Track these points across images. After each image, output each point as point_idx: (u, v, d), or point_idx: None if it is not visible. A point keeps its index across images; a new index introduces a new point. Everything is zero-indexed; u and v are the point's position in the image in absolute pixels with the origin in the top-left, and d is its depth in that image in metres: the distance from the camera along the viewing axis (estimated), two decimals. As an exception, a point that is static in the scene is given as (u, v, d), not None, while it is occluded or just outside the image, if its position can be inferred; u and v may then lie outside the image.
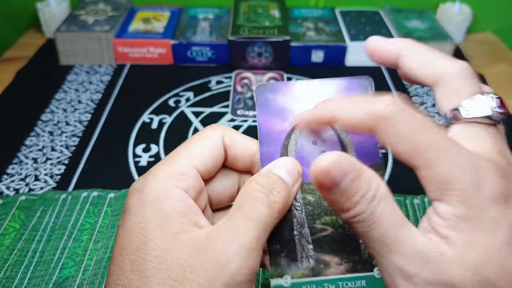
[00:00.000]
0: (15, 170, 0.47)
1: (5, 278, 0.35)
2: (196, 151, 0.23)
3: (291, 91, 0.25)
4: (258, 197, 0.21)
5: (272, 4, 0.73)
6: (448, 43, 0.65)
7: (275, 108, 0.25)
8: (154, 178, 0.21)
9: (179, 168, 0.22)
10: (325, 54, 0.65)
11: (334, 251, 0.24)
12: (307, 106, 0.24)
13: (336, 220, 0.24)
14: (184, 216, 0.21)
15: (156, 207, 0.21)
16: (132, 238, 0.20)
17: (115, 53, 0.66)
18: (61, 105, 0.57)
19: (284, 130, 0.24)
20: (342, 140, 0.25)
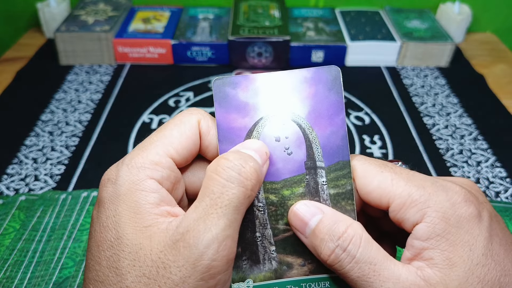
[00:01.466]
0: (15, 170, 0.47)
1: (5, 278, 0.35)
2: (171, 139, 0.22)
3: (252, 85, 0.23)
4: (228, 176, 0.20)
5: (272, 4, 0.73)
6: (448, 43, 0.65)
7: (235, 103, 0.23)
8: (127, 168, 0.21)
9: (153, 157, 0.21)
10: (325, 54, 0.65)
11: (297, 252, 0.23)
12: (269, 101, 0.23)
13: None
14: (156, 207, 0.20)
15: (128, 199, 0.20)
16: (107, 233, 0.20)
17: (115, 53, 0.66)
18: (61, 105, 0.57)
19: (244, 126, 0.23)
20: (307, 136, 0.23)
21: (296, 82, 0.23)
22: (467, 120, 0.56)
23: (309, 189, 0.23)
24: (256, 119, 0.23)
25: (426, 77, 0.65)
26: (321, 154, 0.23)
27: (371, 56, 0.66)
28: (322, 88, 0.23)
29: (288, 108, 0.23)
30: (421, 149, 0.51)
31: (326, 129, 0.23)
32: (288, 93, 0.23)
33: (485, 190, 0.45)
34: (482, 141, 0.52)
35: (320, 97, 0.23)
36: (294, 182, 0.23)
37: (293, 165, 0.23)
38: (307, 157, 0.23)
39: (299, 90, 0.23)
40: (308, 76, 0.23)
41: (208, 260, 0.18)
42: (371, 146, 0.51)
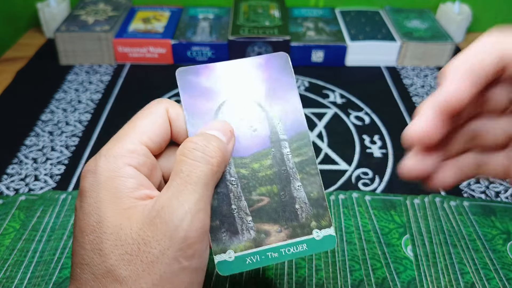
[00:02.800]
0: (15, 170, 0.47)
1: (5, 278, 0.35)
2: (143, 128, 0.23)
3: (213, 73, 0.25)
4: (194, 156, 0.22)
5: (272, 4, 0.73)
6: (448, 43, 0.65)
7: (199, 90, 0.25)
8: (105, 158, 0.22)
9: (128, 146, 0.23)
10: (325, 54, 0.65)
11: (273, 220, 0.24)
12: (230, 85, 0.25)
13: (271, 189, 0.25)
14: (135, 191, 0.22)
15: (108, 186, 0.21)
16: (89, 219, 0.21)
17: (115, 53, 0.66)
18: (61, 105, 0.57)
19: (210, 109, 0.25)
20: (268, 114, 0.26)
21: (252, 68, 0.26)
22: (467, 120, 0.56)
23: (275, 160, 0.25)
24: (220, 102, 0.25)
25: (426, 77, 0.65)
26: (282, 128, 0.25)
27: (371, 56, 0.66)
28: (274, 72, 0.26)
29: (248, 91, 0.26)
30: (421, 149, 0.51)
31: (283, 105, 0.26)
32: (246, 77, 0.26)
33: (485, 190, 0.45)
34: (482, 141, 0.52)
35: (274, 79, 0.26)
36: (261, 156, 0.25)
37: (259, 141, 0.25)
38: (271, 132, 0.25)
39: (256, 75, 0.26)
40: (262, 62, 0.26)
41: (184, 231, 0.20)
42: (371, 146, 0.51)
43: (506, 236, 0.39)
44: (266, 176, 0.25)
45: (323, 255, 0.37)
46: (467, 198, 0.44)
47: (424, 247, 0.38)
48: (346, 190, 0.44)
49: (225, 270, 0.24)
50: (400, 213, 0.41)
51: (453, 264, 0.37)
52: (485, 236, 0.39)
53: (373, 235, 0.39)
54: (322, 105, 0.58)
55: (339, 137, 0.53)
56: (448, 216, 0.41)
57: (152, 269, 0.20)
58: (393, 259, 0.37)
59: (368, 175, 0.47)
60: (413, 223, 0.40)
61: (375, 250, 0.38)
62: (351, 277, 0.36)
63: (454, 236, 0.39)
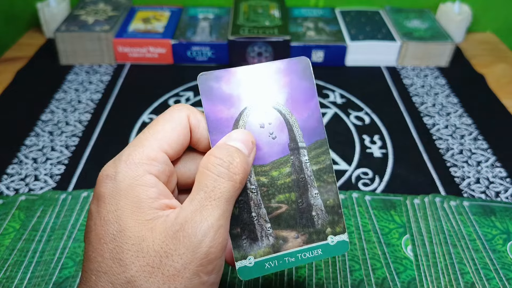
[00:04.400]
0: (15, 170, 0.47)
1: (5, 278, 0.35)
2: (164, 134, 0.23)
3: (234, 78, 0.25)
4: (219, 172, 0.22)
5: (272, 4, 0.73)
6: (448, 43, 0.65)
7: (220, 95, 0.25)
8: (126, 164, 0.22)
9: (149, 153, 0.22)
10: (325, 54, 0.65)
11: (290, 226, 0.25)
12: (250, 91, 0.25)
13: (290, 196, 0.25)
14: (156, 201, 0.21)
15: (129, 194, 0.21)
16: (109, 227, 0.21)
17: (115, 53, 0.66)
18: (61, 105, 0.57)
19: (231, 116, 0.25)
20: (288, 121, 0.25)
21: (272, 73, 0.25)
22: (467, 120, 0.56)
23: (294, 168, 0.25)
24: (240, 109, 0.25)
25: (426, 77, 0.65)
26: (302, 135, 0.26)
27: (371, 56, 0.66)
28: (295, 77, 0.26)
29: (268, 97, 0.25)
30: (421, 149, 0.51)
31: (303, 113, 0.26)
32: (266, 83, 0.25)
33: (485, 190, 0.45)
34: (482, 141, 0.52)
35: (295, 85, 0.26)
36: (280, 163, 0.25)
37: (278, 148, 0.25)
38: (290, 139, 0.25)
39: (276, 80, 0.25)
40: (282, 67, 0.26)
41: (206, 247, 0.20)
42: (371, 146, 0.51)
43: (506, 236, 0.39)
44: (284, 184, 0.25)
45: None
46: (467, 198, 0.44)
47: (424, 247, 0.38)
48: (346, 190, 0.44)
49: (246, 275, 0.24)
50: (400, 213, 0.41)
51: (453, 264, 0.37)
52: (485, 236, 0.39)
53: (373, 235, 0.39)
54: (322, 105, 0.58)
55: (339, 137, 0.53)
56: (448, 216, 0.41)
57: (173, 282, 0.20)
58: (393, 259, 0.37)
59: (368, 175, 0.47)
60: (413, 223, 0.40)
61: (375, 250, 0.38)
62: (351, 277, 0.36)
63: (454, 236, 0.39)
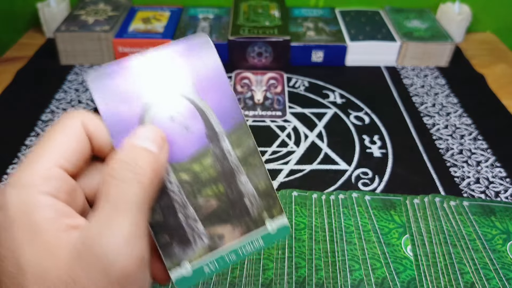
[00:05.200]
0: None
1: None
2: (57, 148, 0.20)
3: (128, 71, 0.22)
4: (123, 177, 0.19)
5: (272, 4, 0.73)
6: (448, 43, 0.65)
7: (117, 94, 0.22)
8: (15, 189, 0.19)
9: (40, 171, 0.19)
10: (325, 54, 0.65)
11: (224, 220, 0.23)
12: (151, 82, 0.22)
13: (217, 189, 0.23)
14: (55, 223, 0.19)
15: (24, 221, 0.18)
16: (6, 265, 0.18)
17: (115, 53, 0.66)
18: (61, 105, 0.57)
19: (134, 115, 0.22)
20: (199, 107, 0.23)
21: (172, 58, 0.23)
22: (467, 120, 0.56)
23: (216, 157, 0.23)
24: (144, 104, 0.22)
25: (426, 77, 0.65)
26: (217, 119, 0.23)
27: (371, 56, 0.66)
28: (198, 57, 0.23)
29: (172, 85, 0.23)
30: (421, 149, 0.51)
31: (214, 95, 0.23)
32: (167, 70, 0.23)
33: (485, 190, 0.45)
34: (482, 141, 0.52)
35: (198, 67, 0.23)
36: (200, 155, 0.23)
37: (195, 139, 0.23)
38: (206, 127, 0.23)
39: (176, 65, 0.23)
40: (179, 49, 0.23)
41: (120, 265, 0.18)
42: (371, 146, 0.51)
43: (506, 236, 0.39)
44: (209, 176, 0.23)
45: (323, 255, 0.37)
46: (467, 198, 0.44)
47: (424, 247, 0.38)
48: (346, 190, 0.44)
49: (182, 284, 0.22)
50: (400, 213, 0.41)
51: (452, 264, 0.37)
52: (485, 236, 0.39)
53: (373, 235, 0.39)
54: (322, 105, 0.58)
55: (339, 137, 0.53)
56: (448, 216, 0.41)
57: None
58: (393, 259, 0.37)
59: (368, 175, 0.47)
60: (412, 223, 0.40)
61: (375, 250, 0.38)
62: (351, 276, 0.36)
63: (454, 236, 0.39)
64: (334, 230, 0.39)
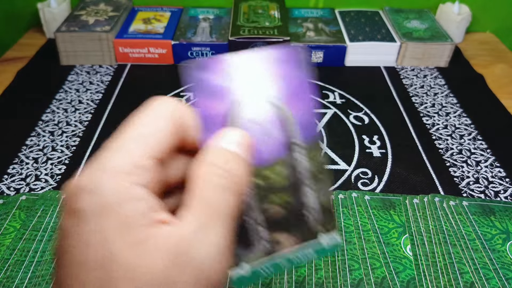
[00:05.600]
0: (16, 170, 0.47)
1: (5, 278, 0.35)
2: (150, 136, 0.19)
3: (223, 67, 0.23)
4: (221, 184, 0.19)
5: (272, 4, 0.74)
6: (447, 43, 0.66)
7: (209, 88, 0.22)
8: (107, 175, 0.18)
9: (135, 160, 0.19)
10: (324, 54, 0.66)
11: (283, 228, 0.24)
12: (242, 82, 0.23)
13: (283, 197, 0.24)
14: (146, 217, 0.18)
15: (116, 211, 0.18)
16: (93, 252, 0.17)
17: (116, 53, 0.66)
18: (62, 105, 0.58)
19: (223, 112, 0.22)
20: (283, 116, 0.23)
21: (265, 62, 0.23)
22: (466, 120, 0.56)
23: (288, 166, 0.24)
24: (233, 103, 0.23)
25: (426, 77, 0.65)
26: (296, 131, 0.24)
27: (371, 56, 0.67)
28: (290, 67, 0.23)
29: (261, 89, 0.23)
30: (420, 149, 0.51)
31: (298, 107, 0.23)
32: (259, 73, 0.23)
33: (485, 190, 0.45)
34: (482, 141, 0.52)
35: (290, 76, 0.23)
36: (275, 162, 0.23)
37: (272, 146, 0.23)
38: (284, 135, 0.23)
39: (269, 70, 0.23)
40: (276, 56, 0.23)
41: (211, 272, 0.18)
42: (370, 146, 0.51)
43: (506, 235, 0.39)
44: (279, 184, 0.24)
45: (322, 255, 0.37)
46: (467, 198, 0.44)
47: (423, 246, 0.38)
48: (346, 189, 0.45)
49: (240, 283, 0.23)
50: (400, 213, 0.41)
51: (452, 264, 0.37)
52: (485, 236, 0.39)
53: (372, 235, 0.39)
54: (322, 105, 0.58)
55: (338, 137, 0.53)
56: (448, 215, 0.41)
57: None
58: (392, 259, 0.37)
59: (368, 175, 0.47)
60: (412, 223, 0.40)
61: (375, 249, 0.38)
62: (351, 276, 0.36)
63: (454, 235, 0.39)
64: (334, 230, 0.40)
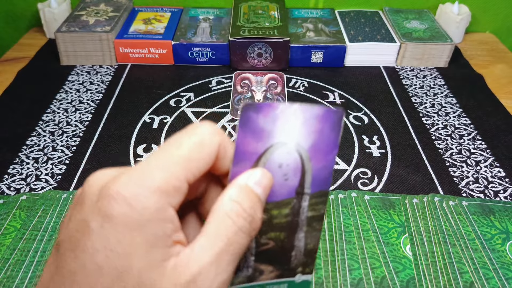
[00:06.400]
0: (16, 170, 0.47)
1: (5, 277, 0.35)
2: (193, 162, 0.20)
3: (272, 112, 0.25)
4: (241, 225, 0.21)
5: (272, 5, 0.74)
6: (447, 43, 0.66)
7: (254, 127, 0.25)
8: (147, 191, 0.18)
9: (174, 182, 0.19)
10: (324, 54, 0.66)
11: (270, 261, 0.26)
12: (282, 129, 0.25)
13: (279, 235, 0.26)
14: (170, 239, 0.19)
15: (146, 229, 0.18)
16: (115, 260, 0.18)
17: (116, 53, 0.66)
18: (62, 105, 0.58)
19: (257, 151, 0.25)
20: (304, 166, 0.26)
21: (308, 117, 0.26)
22: (466, 120, 0.56)
23: (293, 210, 0.26)
24: (267, 145, 0.25)
25: (425, 77, 0.65)
26: (310, 182, 0.26)
27: (371, 56, 0.67)
28: (327, 127, 0.26)
29: (295, 138, 0.26)
30: (420, 149, 0.51)
31: (320, 163, 0.26)
32: (299, 125, 0.26)
33: (484, 190, 0.45)
34: (481, 141, 0.52)
35: (323, 135, 0.26)
36: (283, 204, 0.26)
37: (286, 189, 0.26)
38: (299, 184, 0.26)
39: (309, 125, 0.26)
40: (319, 114, 0.26)
41: None
42: (370, 146, 0.52)
43: (505, 235, 0.39)
44: (279, 223, 0.26)
45: (322, 254, 0.37)
46: (466, 197, 0.44)
47: (423, 246, 0.38)
48: (345, 189, 0.45)
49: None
50: (399, 213, 0.41)
51: (452, 264, 0.37)
52: (484, 236, 0.39)
53: (372, 234, 0.39)
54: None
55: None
56: (447, 215, 0.41)
57: None
58: (392, 258, 0.37)
59: (367, 175, 0.47)
60: (412, 223, 0.40)
61: (374, 249, 0.38)
62: (350, 276, 0.36)
63: (453, 235, 0.39)
64: (333, 230, 0.40)
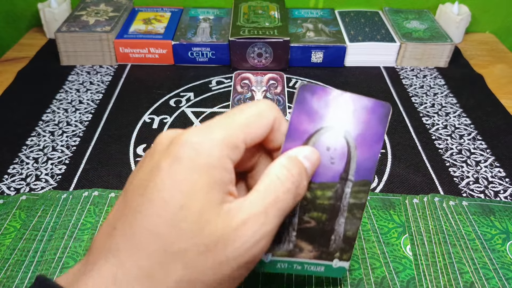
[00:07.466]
0: (16, 170, 0.47)
1: (5, 277, 0.35)
2: (250, 128, 0.24)
3: (326, 96, 0.27)
4: (289, 189, 0.24)
5: (272, 5, 0.74)
6: (447, 43, 0.66)
7: (308, 108, 0.27)
8: (212, 141, 0.22)
9: (235, 140, 0.23)
10: (324, 54, 0.66)
11: (310, 240, 0.28)
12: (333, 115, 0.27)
13: (321, 216, 0.28)
14: (226, 187, 0.22)
15: (209, 172, 0.21)
16: (177, 195, 0.21)
17: (116, 53, 0.66)
18: (62, 105, 0.58)
19: (308, 130, 0.27)
20: (350, 153, 0.27)
21: (358, 107, 0.27)
22: (466, 120, 0.56)
23: (336, 194, 0.28)
24: (318, 127, 0.27)
25: (425, 77, 0.65)
26: (354, 170, 0.28)
27: (371, 56, 0.67)
28: (375, 119, 0.28)
29: (344, 125, 0.27)
30: (420, 149, 0.51)
31: (365, 152, 0.28)
32: (349, 113, 0.27)
33: (484, 190, 0.45)
34: (481, 141, 0.52)
35: (371, 126, 0.27)
36: (327, 186, 0.27)
37: (331, 173, 0.27)
38: (344, 170, 0.27)
39: (358, 114, 0.27)
40: (368, 105, 0.27)
41: (258, 251, 0.22)
42: (370, 146, 0.51)
43: (505, 235, 0.39)
44: (322, 205, 0.28)
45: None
46: (466, 197, 0.44)
47: (423, 246, 0.38)
48: (346, 190, 0.45)
49: (258, 267, 0.28)
50: (399, 213, 0.41)
51: (452, 264, 0.37)
52: (484, 236, 0.39)
53: (372, 235, 0.39)
54: (322, 106, 0.59)
55: (338, 137, 0.53)
56: (447, 215, 0.41)
57: (220, 269, 0.21)
58: (392, 258, 0.37)
59: (368, 175, 0.47)
60: (412, 223, 0.40)
61: (374, 249, 0.38)
62: (350, 276, 0.36)
63: (453, 235, 0.39)
64: (333, 230, 0.40)
